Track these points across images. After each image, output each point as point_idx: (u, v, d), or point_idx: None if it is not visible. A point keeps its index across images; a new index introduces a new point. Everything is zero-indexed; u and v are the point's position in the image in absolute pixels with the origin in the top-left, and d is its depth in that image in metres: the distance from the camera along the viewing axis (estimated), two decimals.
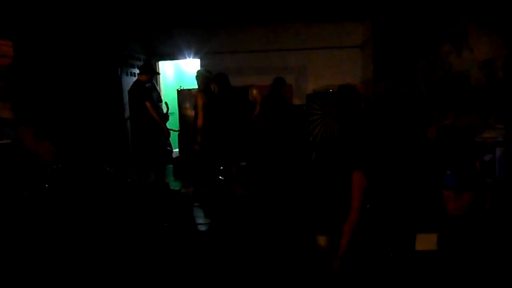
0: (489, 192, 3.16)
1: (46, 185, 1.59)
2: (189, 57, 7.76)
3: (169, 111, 5.85)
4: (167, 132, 5.13)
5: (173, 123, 6.60)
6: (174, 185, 5.67)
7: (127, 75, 6.57)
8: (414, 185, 3.08)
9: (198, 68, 7.59)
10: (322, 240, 2.93)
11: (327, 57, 7.28)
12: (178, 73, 9.17)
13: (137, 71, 6.57)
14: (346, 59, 7.29)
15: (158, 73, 5.45)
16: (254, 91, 5.51)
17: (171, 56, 7.80)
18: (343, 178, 2.50)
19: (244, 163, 5.42)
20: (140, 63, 6.69)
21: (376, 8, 6.22)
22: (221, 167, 5.31)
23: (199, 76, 5.01)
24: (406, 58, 5.99)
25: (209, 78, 4.98)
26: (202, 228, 4.12)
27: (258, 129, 5.58)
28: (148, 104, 4.76)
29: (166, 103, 5.92)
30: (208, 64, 7.69)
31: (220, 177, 5.03)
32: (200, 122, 4.78)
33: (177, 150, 7.09)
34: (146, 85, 5.00)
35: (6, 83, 4.06)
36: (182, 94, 7.18)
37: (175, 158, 6.88)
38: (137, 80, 5.03)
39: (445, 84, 5.25)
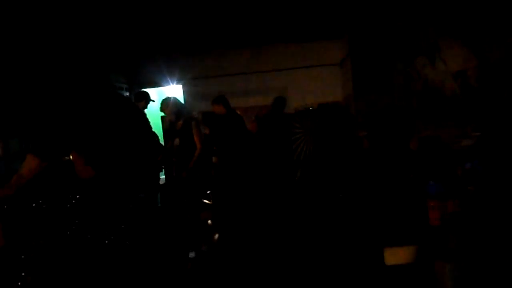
0: (471, 199, 3.19)
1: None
2: (172, 84, 7.80)
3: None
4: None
5: None
6: None
7: None
8: (399, 197, 3.10)
9: (180, 93, 7.65)
10: None
11: (308, 76, 7.37)
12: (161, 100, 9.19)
13: None
14: (326, 77, 7.39)
15: (153, 100, 5.50)
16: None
17: (154, 83, 7.83)
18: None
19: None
20: (123, 92, 6.70)
21: (352, 26, 6.39)
22: (208, 191, 5.28)
23: (171, 104, 5.06)
24: (384, 72, 6.13)
25: (181, 106, 5.09)
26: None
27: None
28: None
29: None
30: (191, 89, 7.76)
31: (205, 201, 5.00)
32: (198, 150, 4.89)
33: (163, 177, 7.02)
34: None
35: None
36: (167, 121, 7.17)
37: (161, 185, 6.82)
38: None
39: (423, 96, 5.38)
